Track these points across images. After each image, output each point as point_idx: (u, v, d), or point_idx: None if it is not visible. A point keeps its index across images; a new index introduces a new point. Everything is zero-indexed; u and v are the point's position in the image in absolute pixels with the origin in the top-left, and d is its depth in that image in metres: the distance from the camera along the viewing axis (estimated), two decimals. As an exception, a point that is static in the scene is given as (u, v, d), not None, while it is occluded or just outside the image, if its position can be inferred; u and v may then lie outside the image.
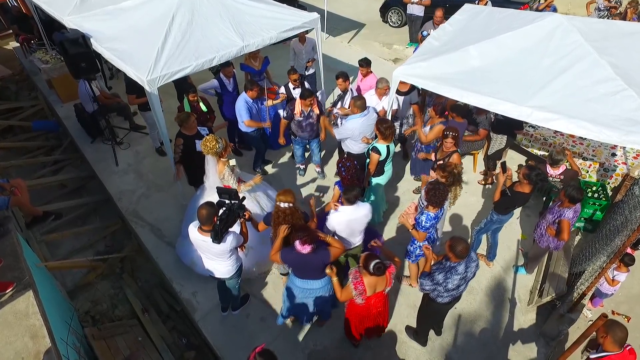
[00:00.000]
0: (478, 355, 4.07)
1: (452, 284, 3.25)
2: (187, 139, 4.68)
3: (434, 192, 3.52)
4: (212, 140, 3.94)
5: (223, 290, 4.17)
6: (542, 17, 4.49)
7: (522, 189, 3.97)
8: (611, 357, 2.74)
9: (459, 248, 3.11)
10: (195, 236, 3.44)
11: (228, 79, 5.83)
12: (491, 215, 4.35)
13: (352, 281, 3.29)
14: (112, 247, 6.05)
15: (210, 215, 3.27)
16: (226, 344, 4.19)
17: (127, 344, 4.40)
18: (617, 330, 2.69)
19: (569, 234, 3.88)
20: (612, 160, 5.22)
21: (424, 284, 3.41)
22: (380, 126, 4.34)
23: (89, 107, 6.24)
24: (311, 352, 4.11)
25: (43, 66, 7.33)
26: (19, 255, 3.24)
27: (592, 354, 2.87)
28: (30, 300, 2.93)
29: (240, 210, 3.46)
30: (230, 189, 3.63)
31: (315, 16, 5.88)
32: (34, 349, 2.67)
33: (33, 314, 2.85)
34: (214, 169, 4.09)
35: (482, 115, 5.22)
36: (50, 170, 7.23)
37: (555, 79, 3.95)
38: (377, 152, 4.41)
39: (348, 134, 4.92)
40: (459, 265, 3.21)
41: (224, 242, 3.34)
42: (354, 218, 3.80)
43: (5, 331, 2.77)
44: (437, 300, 3.46)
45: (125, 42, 5.12)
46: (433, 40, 5.07)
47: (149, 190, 5.93)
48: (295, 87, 5.64)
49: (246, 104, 5.29)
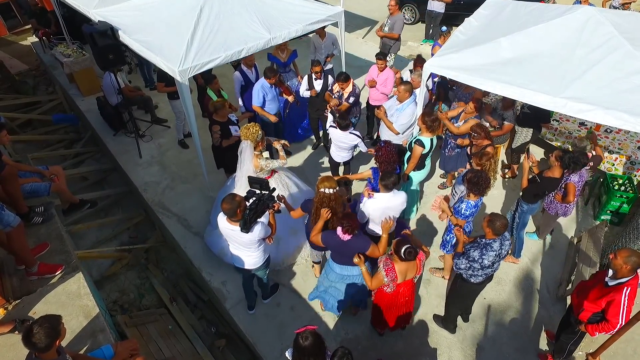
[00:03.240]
0: (509, 345, 4.09)
1: (488, 260, 3.28)
2: (221, 125, 4.78)
3: (476, 180, 3.55)
4: (256, 126, 4.02)
5: (249, 287, 4.16)
6: (572, 9, 4.50)
7: (553, 173, 4.04)
8: (630, 281, 2.93)
9: (497, 223, 3.15)
10: (224, 225, 3.44)
11: (250, 68, 5.87)
12: (520, 207, 4.37)
13: (383, 268, 3.32)
14: (136, 239, 6.12)
15: (234, 209, 3.22)
16: (257, 332, 4.23)
17: (159, 332, 4.45)
18: (635, 256, 2.88)
19: (574, 196, 4.10)
20: (638, 153, 5.23)
21: (458, 263, 3.46)
22: (427, 118, 4.31)
23: (113, 99, 6.28)
24: (342, 340, 4.14)
25: (65, 60, 7.38)
26: (64, 239, 3.29)
27: (609, 279, 3.03)
28: (81, 282, 2.98)
29: (270, 201, 3.44)
30: (261, 179, 3.66)
31: (339, 10, 5.91)
32: (90, 328, 2.72)
33: (85, 295, 2.90)
34: (250, 158, 4.12)
35: (509, 110, 5.22)
36: (71, 163, 7.30)
37: (589, 71, 3.95)
38: (421, 145, 4.37)
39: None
40: (494, 242, 3.26)
41: (252, 232, 3.32)
42: (390, 206, 3.79)
43: (60, 311, 2.81)
44: (471, 281, 3.50)
45: (154, 34, 5.16)
46: (460, 34, 5.07)
47: (174, 182, 5.97)
48: (317, 78, 5.70)
49: (262, 89, 5.38)
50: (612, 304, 2.96)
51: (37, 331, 2.15)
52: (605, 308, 3.03)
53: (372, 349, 4.06)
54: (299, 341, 2.53)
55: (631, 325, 3.18)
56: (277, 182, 4.56)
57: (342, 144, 4.86)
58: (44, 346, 2.16)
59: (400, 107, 4.91)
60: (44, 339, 2.15)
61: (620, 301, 2.93)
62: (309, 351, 2.52)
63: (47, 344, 2.16)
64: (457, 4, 9.35)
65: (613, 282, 3.01)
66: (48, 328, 2.17)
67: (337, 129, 4.73)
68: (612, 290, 2.99)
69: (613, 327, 3.00)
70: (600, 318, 3.11)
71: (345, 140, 4.78)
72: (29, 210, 3.46)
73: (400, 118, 4.91)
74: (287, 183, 4.62)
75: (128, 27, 5.36)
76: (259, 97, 5.40)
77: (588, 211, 5.44)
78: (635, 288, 2.96)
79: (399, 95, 4.88)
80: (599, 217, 5.19)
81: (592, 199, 5.50)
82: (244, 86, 5.92)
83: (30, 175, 3.74)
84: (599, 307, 3.07)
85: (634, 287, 2.95)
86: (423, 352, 4.06)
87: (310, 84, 5.73)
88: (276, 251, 4.55)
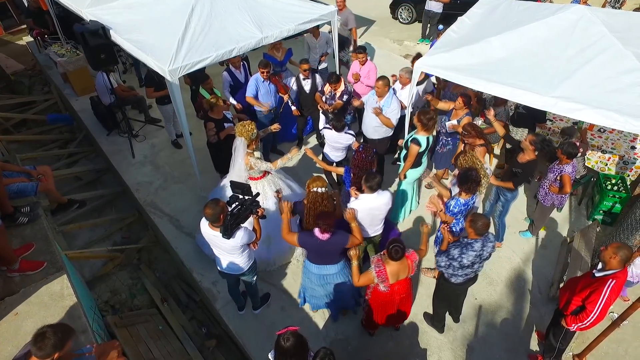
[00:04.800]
0: (500, 345, 4.08)
1: (467, 259, 3.27)
2: (216, 123, 4.76)
3: (465, 178, 3.54)
4: (251, 124, 4.03)
5: (235, 289, 4.12)
6: (564, 8, 4.48)
7: (529, 156, 4.16)
8: (617, 274, 2.95)
9: (479, 223, 3.15)
10: (206, 230, 3.39)
11: (237, 69, 5.85)
12: (504, 196, 4.45)
13: (374, 269, 3.30)
14: (129, 239, 6.09)
15: (216, 214, 3.16)
16: (247, 332, 4.22)
17: (149, 332, 4.43)
18: (625, 250, 2.93)
19: (570, 187, 4.24)
20: (631, 153, 5.21)
21: (439, 260, 3.46)
22: (423, 117, 4.29)
23: (106, 99, 6.27)
24: (332, 341, 4.12)
25: (59, 59, 7.37)
26: (50, 240, 3.27)
27: (596, 271, 3.06)
28: (64, 283, 2.97)
29: (253, 206, 3.37)
30: (244, 184, 3.60)
31: (332, 9, 5.90)
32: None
33: (68, 296, 2.88)
34: (242, 155, 4.11)
35: (500, 107, 5.22)
36: (65, 163, 7.28)
37: (579, 70, 3.94)
38: (417, 144, 4.36)
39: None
40: (476, 242, 3.25)
41: (234, 238, 3.25)
42: (375, 206, 3.79)
43: (42, 312, 2.80)
44: (451, 280, 3.49)
45: (145, 33, 5.15)
46: (452, 33, 5.06)
47: (166, 182, 5.96)
48: (305, 77, 5.67)
49: (256, 82, 5.40)
50: (594, 293, 2.98)
51: (48, 337, 2.15)
52: (586, 297, 3.04)
53: (362, 349, 4.05)
54: (280, 342, 2.51)
55: (621, 320, 3.17)
56: (270, 184, 4.54)
57: (338, 145, 4.85)
58: (44, 354, 2.16)
59: (384, 102, 4.87)
60: (49, 348, 2.15)
61: (602, 291, 2.94)
62: (291, 352, 2.50)
63: (47, 353, 2.16)
64: (454, 4, 9.34)
65: (600, 274, 3.03)
66: (57, 339, 2.17)
67: (332, 130, 4.72)
68: (597, 281, 3.01)
69: (588, 315, 3.01)
70: (580, 309, 3.12)
71: (340, 140, 4.78)
72: (14, 210, 3.44)
73: (387, 113, 4.89)
74: (280, 185, 4.59)
75: (119, 26, 5.35)
76: (252, 89, 5.43)
77: (581, 211, 5.42)
78: (621, 282, 2.96)
79: (377, 90, 4.85)
80: (591, 217, 5.18)
81: (585, 199, 5.49)
82: (233, 86, 5.91)
83: (17, 175, 3.72)
84: (581, 300, 3.10)
85: (619, 282, 2.94)
86: (413, 352, 4.04)
87: (298, 85, 5.71)
88: (267, 251, 4.53)
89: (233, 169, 4.26)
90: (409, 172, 4.71)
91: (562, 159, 4.22)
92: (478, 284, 4.05)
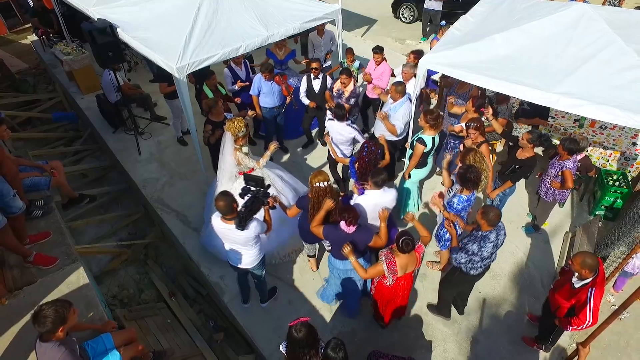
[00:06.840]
0: (503, 337, 4.14)
1: (487, 251, 3.36)
2: (215, 125, 4.76)
3: (467, 175, 3.59)
4: (241, 122, 4.06)
5: (244, 283, 4.18)
6: (566, 6, 4.54)
7: (528, 153, 4.27)
8: (594, 280, 3.06)
9: (491, 214, 3.22)
10: (219, 225, 3.41)
11: (239, 66, 5.91)
12: (503, 191, 4.53)
13: (384, 261, 3.36)
14: (135, 235, 6.16)
15: (229, 204, 3.21)
16: (255, 325, 4.28)
17: (157, 325, 4.50)
18: (589, 260, 3.00)
19: (572, 182, 4.29)
20: (632, 149, 5.27)
21: (458, 258, 3.50)
22: (429, 117, 4.30)
23: (113, 97, 6.33)
24: (339, 333, 4.18)
25: (65, 58, 7.43)
26: (64, 232, 3.34)
27: (575, 282, 3.18)
28: (80, 273, 3.03)
29: (265, 197, 3.44)
30: (257, 177, 3.67)
31: (336, 7, 5.96)
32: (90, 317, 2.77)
33: (85, 285, 2.95)
34: (229, 150, 4.20)
35: (503, 104, 5.27)
36: (71, 161, 7.35)
37: (582, 67, 4.00)
38: (422, 144, 4.37)
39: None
40: (491, 233, 3.33)
41: (247, 229, 3.31)
42: (380, 202, 3.80)
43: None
44: (471, 273, 3.56)
45: (152, 31, 5.22)
46: (456, 31, 5.13)
47: (173, 179, 6.02)
48: (315, 77, 5.72)
49: (258, 81, 5.47)
50: (579, 304, 3.12)
51: (45, 314, 2.22)
52: (574, 306, 3.19)
53: (368, 341, 4.11)
54: (292, 333, 2.56)
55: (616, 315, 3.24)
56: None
57: (341, 137, 4.80)
58: (46, 330, 2.22)
59: (393, 107, 4.89)
60: (48, 323, 2.21)
61: (586, 300, 3.06)
62: (303, 343, 2.56)
63: (49, 329, 2.23)
64: (455, 3, 9.42)
65: (579, 284, 3.15)
66: (54, 313, 2.24)
67: (334, 120, 4.74)
68: (579, 292, 3.13)
69: (582, 322, 3.12)
70: (571, 312, 3.26)
71: (343, 132, 4.74)
72: (29, 203, 3.51)
73: (392, 119, 4.87)
74: (272, 178, 4.63)
75: (127, 24, 5.42)
76: (255, 87, 5.52)
77: (583, 207, 5.49)
78: (602, 284, 3.07)
79: (391, 94, 4.89)
80: (593, 213, 5.25)
81: (587, 195, 5.55)
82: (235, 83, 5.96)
83: (30, 169, 3.79)
84: (570, 304, 3.23)
85: (600, 284, 3.06)
86: (418, 344, 4.11)
87: (309, 84, 5.75)
88: (268, 243, 4.57)
89: (222, 163, 4.33)
90: (413, 172, 4.73)
91: (563, 155, 4.28)
92: (482, 277, 4.11)
